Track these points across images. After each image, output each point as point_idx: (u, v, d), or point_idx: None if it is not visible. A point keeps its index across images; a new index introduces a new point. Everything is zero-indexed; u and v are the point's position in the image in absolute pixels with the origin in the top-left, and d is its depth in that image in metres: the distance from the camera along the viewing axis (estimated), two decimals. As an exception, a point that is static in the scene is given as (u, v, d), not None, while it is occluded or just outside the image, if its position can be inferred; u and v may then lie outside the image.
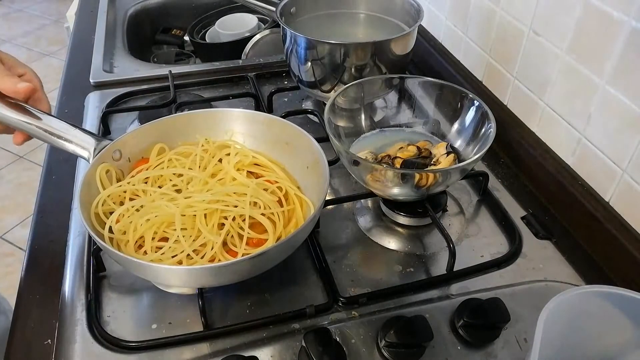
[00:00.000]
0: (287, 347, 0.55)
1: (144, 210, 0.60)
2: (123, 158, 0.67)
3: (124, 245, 0.58)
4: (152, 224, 0.58)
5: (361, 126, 0.78)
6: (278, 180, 0.65)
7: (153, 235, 0.58)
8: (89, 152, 0.64)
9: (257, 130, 0.70)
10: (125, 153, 0.67)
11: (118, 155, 0.66)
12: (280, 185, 0.65)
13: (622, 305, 0.46)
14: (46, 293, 0.62)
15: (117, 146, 0.66)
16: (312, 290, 0.62)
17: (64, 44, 1.27)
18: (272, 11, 0.96)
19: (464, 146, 0.71)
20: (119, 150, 0.66)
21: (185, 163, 0.66)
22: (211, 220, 0.58)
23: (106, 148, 0.64)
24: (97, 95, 0.96)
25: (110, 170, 0.64)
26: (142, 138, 0.68)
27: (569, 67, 0.68)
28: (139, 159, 0.68)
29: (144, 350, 0.55)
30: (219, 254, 0.57)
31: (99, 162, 0.63)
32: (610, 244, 0.64)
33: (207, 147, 0.68)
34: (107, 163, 0.64)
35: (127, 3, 1.34)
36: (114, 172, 0.65)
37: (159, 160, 0.67)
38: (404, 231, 0.70)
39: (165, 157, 0.67)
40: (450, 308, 0.58)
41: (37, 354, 0.56)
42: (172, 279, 0.55)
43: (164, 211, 0.59)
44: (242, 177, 0.64)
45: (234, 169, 0.65)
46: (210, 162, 0.66)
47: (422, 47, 1.04)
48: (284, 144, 0.69)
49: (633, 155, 0.61)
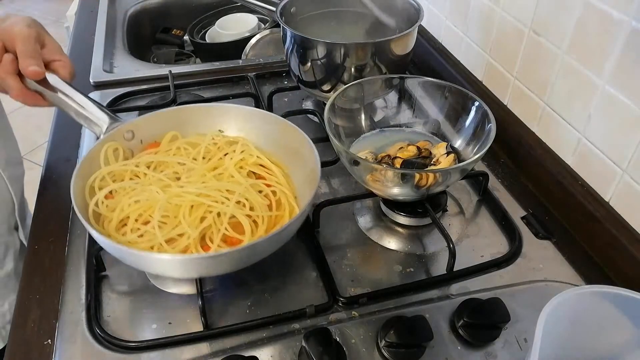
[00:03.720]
0: (287, 347, 0.55)
1: (135, 192, 0.61)
2: (135, 139, 0.68)
3: (107, 223, 0.59)
4: (139, 206, 0.59)
5: (361, 126, 0.78)
6: (275, 184, 0.65)
7: (137, 217, 0.58)
8: (101, 129, 0.66)
9: (270, 131, 0.70)
10: (138, 135, 0.68)
11: (130, 135, 0.67)
12: (275, 190, 0.64)
13: (622, 305, 0.46)
14: (46, 293, 0.62)
15: (130, 127, 0.67)
16: (312, 290, 0.62)
17: (64, 44, 1.26)
18: (272, 11, 0.96)
19: (464, 146, 0.71)
20: (132, 131, 0.67)
21: (191, 153, 0.67)
22: (196, 212, 0.59)
23: (118, 128, 0.66)
24: (97, 95, 0.96)
25: (118, 149, 0.65)
26: (157, 123, 0.69)
27: (569, 67, 0.68)
28: (152, 142, 0.69)
29: (144, 350, 0.55)
30: (193, 247, 0.56)
31: (108, 139, 0.64)
32: (610, 244, 0.64)
33: (217, 140, 0.69)
34: (116, 142, 0.65)
35: (127, 3, 1.34)
36: (122, 152, 0.66)
37: (169, 147, 0.68)
38: (404, 231, 0.70)
39: (174, 145, 0.68)
40: (450, 308, 0.58)
41: (37, 354, 0.56)
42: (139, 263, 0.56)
43: (151, 196, 0.59)
44: (240, 175, 0.64)
45: (234, 166, 0.65)
46: (216, 156, 0.67)
47: (422, 47, 1.04)
48: (295, 152, 0.68)
49: (633, 155, 0.61)
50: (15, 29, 0.63)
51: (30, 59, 0.62)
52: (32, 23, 0.65)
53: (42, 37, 0.66)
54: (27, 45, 0.63)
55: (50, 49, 0.66)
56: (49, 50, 0.66)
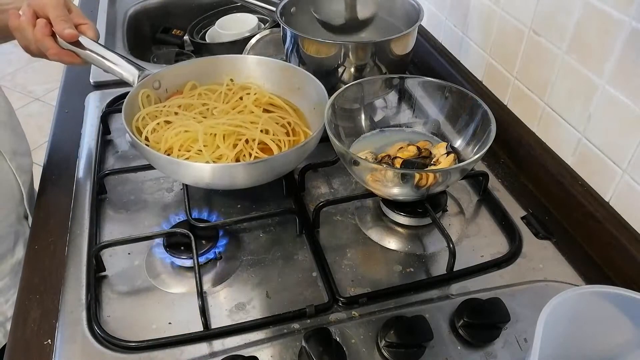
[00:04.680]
0: (287, 347, 0.55)
1: (174, 126, 0.71)
2: (162, 88, 0.79)
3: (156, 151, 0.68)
4: (181, 137, 0.70)
5: (361, 126, 0.78)
6: (288, 117, 0.76)
7: (179, 147, 0.69)
8: (134, 78, 0.75)
9: (275, 76, 0.82)
10: (164, 84, 0.79)
11: (158, 84, 0.78)
12: (289, 121, 0.76)
13: (622, 305, 0.46)
14: (46, 293, 0.62)
15: (157, 77, 0.78)
16: (312, 290, 0.62)
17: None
18: (272, 11, 0.95)
19: (464, 146, 0.71)
20: (159, 80, 0.78)
21: (212, 97, 0.78)
22: (229, 140, 0.70)
23: (148, 77, 0.76)
24: (97, 95, 0.96)
25: (150, 96, 0.76)
26: (179, 73, 0.81)
27: (569, 67, 0.68)
28: (174, 89, 0.81)
29: (144, 350, 0.55)
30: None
31: (142, 87, 0.75)
32: (610, 244, 0.64)
33: (231, 86, 0.81)
34: (148, 89, 0.76)
35: (127, 3, 1.33)
36: (153, 98, 0.77)
37: (191, 93, 0.79)
38: (404, 231, 0.70)
39: (196, 92, 0.79)
40: (450, 308, 0.58)
41: (37, 354, 0.56)
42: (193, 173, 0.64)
43: (191, 127, 0.70)
44: (258, 110, 0.76)
45: (252, 104, 0.76)
46: (233, 98, 0.78)
47: (422, 47, 1.04)
48: (297, 89, 0.80)
49: (633, 155, 0.61)
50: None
51: (64, 23, 0.70)
52: None
53: (68, 3, 0.74)
54: (59, 10, 0.71)
55: (76, 13, 0.74)
56: (75, 15, 0.74)
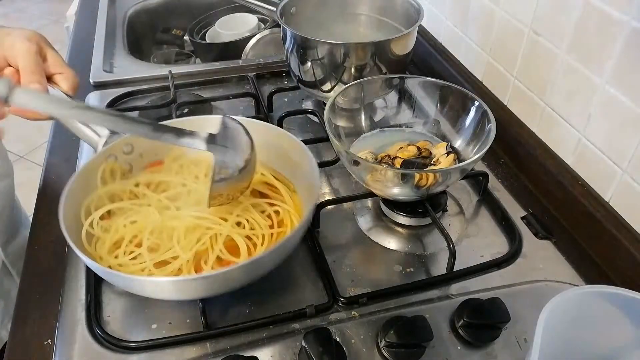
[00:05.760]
0: (287, 347, 0.55)
1: (131, 213, 0.60)
2: (135, 152, 0.66)
3: (101, 244, 0.58)
4: (134, 227, 0.58)
5: (361, 126, 0.78)
6: (279, 203, 0.63)
7: (132, 238, 0.58)
8: (99, 142, 0.64)
9: (272, 143, 0.67)
10: (137, 148, 0.66)
11: (129, 149, 0.65)
12: (279, 210, 0.63)
13: (622, 305, 0.46)
14: (46, 293, 0.62)
15: (130, 140, 0.65)
16: (312, 290, 0.62)
17: (64, 44, 1.26)
18: (272, 11, 0.95)
19: (464, 146, 0.71)
20: (131, 144, 0.65)
21: (194, 171, 0.65)
22: (193, 234, 0.58)
23: (118, 140, 0.64)
24: (97, 95, 0.96)
25: (114, 170, 0.64)
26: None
27: (569, 67, 0.68)
28: (153, 156, 0.67)
29: (144, 350, 0.55)
30: (186, 270, 0.56)
31: (108, 153, 0.63)
32: (610, 244, 0.64)
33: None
34: (111, 161, 0.63)
35: (127, 3, 1.33)
36: (119, 171, 0.65)
37: (172, 164, 0.66)
38: (404, 231, 0.70)
39: (176, 164, 0.66)
40: (450, 308, 0.58)
41: (37, 354, 0.56)
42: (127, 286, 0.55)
43: (147, 217, 0.59)
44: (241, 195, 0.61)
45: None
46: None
47: (422, 47, 1.04)
48: (296, 164, 0.65)
49: (633, 155, 0.61)
50: (17, 44, 0.62)
51: (31, 75, 0.61)
52: (33, 36, 0.64)
53: (43, 50, 0.65)
54: (28, 59, 0.62)
55: (52, 62, 0.65)
56: (51, 63, 0.65)
